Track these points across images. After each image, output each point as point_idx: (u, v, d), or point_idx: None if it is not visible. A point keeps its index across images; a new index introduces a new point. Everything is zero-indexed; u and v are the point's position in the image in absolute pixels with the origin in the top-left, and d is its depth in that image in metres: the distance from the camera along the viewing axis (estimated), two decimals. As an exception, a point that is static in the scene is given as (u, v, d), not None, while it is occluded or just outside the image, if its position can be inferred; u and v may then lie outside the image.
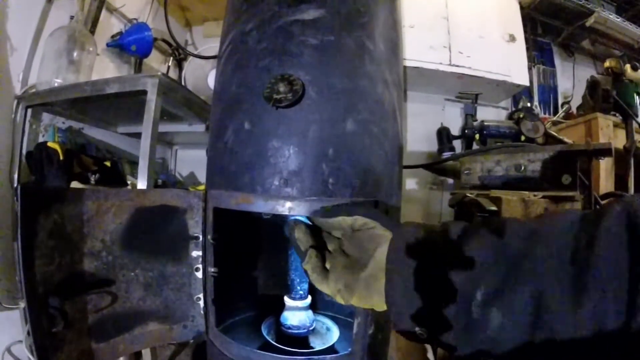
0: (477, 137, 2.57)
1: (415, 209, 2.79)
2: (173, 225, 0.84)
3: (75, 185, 1.51)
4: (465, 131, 2.63)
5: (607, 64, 2.74)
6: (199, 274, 0.86)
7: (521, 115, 2.53)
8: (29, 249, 0.68)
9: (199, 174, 2.84)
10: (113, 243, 0.80)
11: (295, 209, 0.70)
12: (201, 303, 0.86)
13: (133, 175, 1.88)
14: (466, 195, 1.70)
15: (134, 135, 2.23)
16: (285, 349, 0.83)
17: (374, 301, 0.56)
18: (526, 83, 2.58)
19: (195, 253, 0.85)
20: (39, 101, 1.65)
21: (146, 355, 1.65)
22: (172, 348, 2.00)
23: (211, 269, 0.81)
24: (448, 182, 2.73)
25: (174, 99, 1.62)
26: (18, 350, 1.59)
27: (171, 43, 2.61)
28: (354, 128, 0.73)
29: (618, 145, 2.23)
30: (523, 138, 2.38)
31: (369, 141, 0.75)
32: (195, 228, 0.85)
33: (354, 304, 0.58)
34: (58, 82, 1.66)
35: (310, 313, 0.91)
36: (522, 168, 1.71)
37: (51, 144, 1.59)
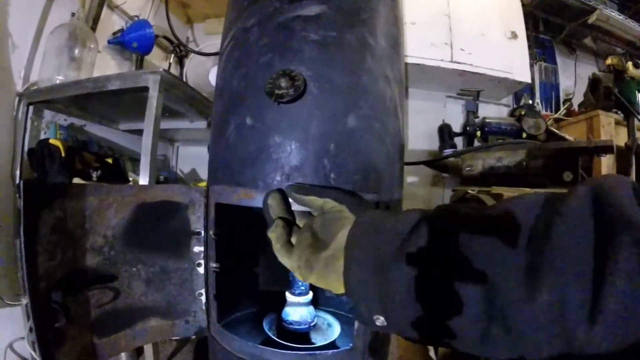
0: (479, 134, 2.57)
1: (417, 206, 2.77)
2: (175, 220, 0.84)
3: (77, 181, 1.51)
4: (467, 128, 2.64)
5: (609, 61, 2.74)
6: (201, 269, 0.86)
7: (523, 113, 2.53)
8: (31, 244, 0.69)
9: (200, 170, 2.84)
10: (115, 239, 0.81)
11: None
12: (203, 298, 0.86)
13: (134, 172, 1.89)
14: (468, 192, 1.70)
15: (135, 132, 2.24)
16: (287, 344, 0.83)
17: (331, 280, 0.56)
18: (528, 80, 2.58)
19: (197, 248, 0.85)
20: (41, 98, 1.65)
21: (148, 351, 1.65)
22: (174, 344, 2.00)
23: (213, 265, 0.81)
24: (449, 179, 2.73)
25: (175, 95, 1.63)
26: (20, 346, 1.60)
27: (172, 40, 2.61)
28: (355, 124, 0.73)
29: (619, 143, 2.22)
30: (524, 135, 2.39)
31: (371, 137, 0.75)
32: (197, 223, 0.85)
33: (312, 282, 0.59)
34: (59, 79, 1.66)
35: (311, 309, 0.91)
36: (524, 165, 1.71)
37: (53, 141, 1.59)
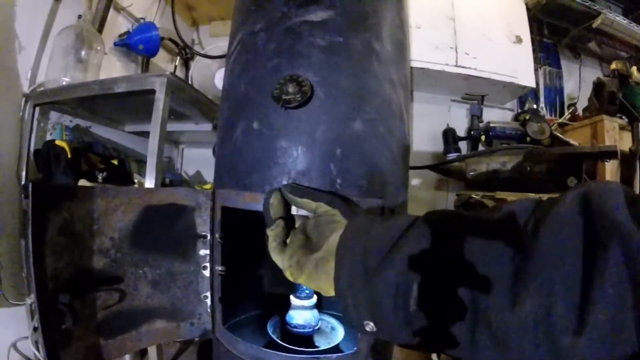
0: (483, 139, 2.57)
1: (420, 210, 2.76)
2: (181, 223, 0.84)
3: (82, 183, 1.52)
4: (471, 132, 2.63)
5: (614, 66, 2.74)
6: (206, 272, 0.86)
7: (527, 117, 2.52)
8: (39, 246, 0.69)
9: (205, 173, 2.84)
10: (122, 241, 0.81)
11: (303, 208, 0.70)
12: (208, 301, 0.87)
13: (140, 174, 1.89)
14: (472, 197, 1.70)
15: (141, 134, 2.24)
16: (291, 347, 0.84)
17: (321, 282, 0.57)
18: (532, 84, 2.57)
19: (203, 251, 0.86)
20: (47, 99, 1.65)
21: (152, 352, 1.66)
22: (178, 345, 2.00)
23: (218, 268, 0.82)
24: (453, 183, 2.72)
25: (181, 98, 1.63)
26: (24, 346, 1.60)
27: (178, 42, 2.62)
28: (361, 128, 0.73)
29: (624, 148, 2.22)
30: (529, 140, 2.38)
31: (376, 141, 0.76)
32: (203, 227, 0.85)
33: (302, 283, 0.60)
34: (66, 81, 1.67)
35: (315, 312, 0.92)
36: (528, 170, 1.71)
37: (59, 142, 1.59)
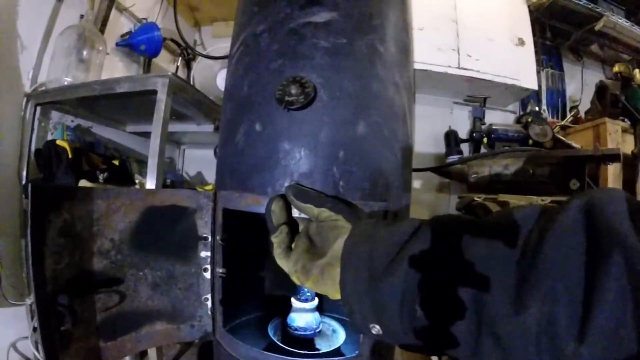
0: (485, 141, 2.57)
1: (422, 212, 2.77)
2: (182, 225, 0.84)
3: (83, 183, 1.52)
4: (473, 134, 2.64)
5: (616, 68, 2.74)
6: (207, 274, 0.86)
7: (529, 119, 2.53)
8: (38, 247, 0.69)
9: (206, 173, 2.85)
10: (122, 242, 0.81)
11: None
12: (209, 303, 0.86)
13: (141, 174, 1.89)
14: (474, 199, 1.70)
15: (142, 134, 2.25)
16: (292, 350, 0.83)
17: (327, 288, 0.57)
18: (535, 87, 2.58)
19: (204, 253, 0.85)
20: (49, 99, 1.66)
21: (152, 354, 1.65)
22: (178, 347, 2.00)
23: (219, 270, 0.81)
24: (455, 186, 2.72)
25: (183, 98, 1.63)
26: (23, 346, 1.60)
27: (180, 43, 2.62)
28: (365, 131, 0.73)
29: (626, 151, 2.22)
30: (531, 142, 2.38)
31: (380, 144, 0.75)
32: (204, 228, 0.85)
33: (308, 287, 0.60)
34: (68, 81, 1.67)
35: (316, 315, 0.91)
36: (530, 172, 1.70)
37: (60, 142, 1.59)
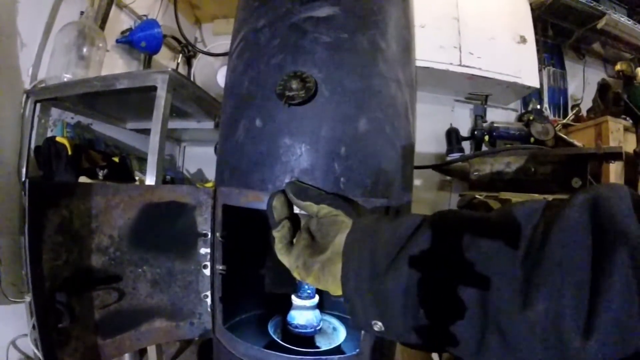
0: (487, 139, 2.57)
1: (424, 210, 2.75)
2: (182, 222, 0.83)
3: (83, 180, 1.51)
4: (475, 132, 2.63)
5: (618, 67, 2.74)
6: (207, 271, 0.85)
7: (531, 118, 2.52)
8: (36, 244, 0.68)
9: (206, 171, 2.84)
10: (121, 239, 0.80)
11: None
12: (208, 300, 0.86)
13: (141, 172, 1.89)
14: (475, 197, 1.69)
15: (142, 131, 2.24)
16: (292, 348, 0.82)
17: (328, 284, 0.57)
18: (536, 85, 2.57)
19: (204, 250, 0.85)
20: (48, 96, 1.65)
21: (151, 352, 1.65)
22: (177, 345, 2.00)
23: (219, 267, 0.80)
24: (456, 183, 2.71)
25: (183, 95, 1.62)
26: (23, 343, 1.60)
27: (180, 40, 2.62)
28: (366, 127, 0.72)
29: (628, 149, 2.21)
30: (533, 140, 2.38)
31: (382, 140, 0.75)
32: (204, 225, 0.84)
33: (310, 283, 0.60)
34: (67, 77, 1.66)
35: (317, 312, 0.91)
36: (532, 170, 1.70)
37: (60, 139, 1.59)
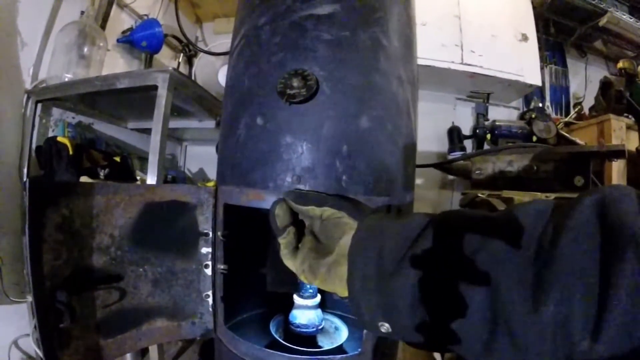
0: (488, 137, 2.57)
1: (426, 209, 2.75)
2: (183, 221, 0.83)
3: (84, 180, 1.51)
4: (477, 131, 2.63)
5: (621, 64, 2.73)
6: (208, 270, 0.85)
7: (533, 116, 2.52)
8: (36, 243, 0.68)
9: (208, 170, 2.84)
10: (122, 238, 0.80)
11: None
12: (210, 300, 0.86)
13: (142, 171, 1.89)
14: (477, 196, 1.69)
15: (143, 131, 2.24)
16: (294, 347, 0.82)
17: (335, 286, 0.57)
18: (538, 83, 2.56)
19: (205, 249, 0.84)
20: (49, 96, 1.65)
21: (153, 351, 1.65)
22: (179, 345, 2.00)
23: (220, 266, 0.80)
24: (459, 182, 2.71)
25: (184, 94, 1.62)
26: (25, 343, 1.60)
27: (181, 39, 2.61)
28: (368, 125, 0.71)
29: (630, 147, 2.20)
30: (535, 139, 2.38)
31: (384, 138, 0.74)
32: (205, 224, 0.84)
33: (317, 286, 0.60)
34: (68, 77, 1.67)
35: (319, 312, 0.90)
36: (535, 169, 1.69)
37: (61, 139, 1.59)
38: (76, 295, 0.73)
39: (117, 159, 1.83)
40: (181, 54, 2.78)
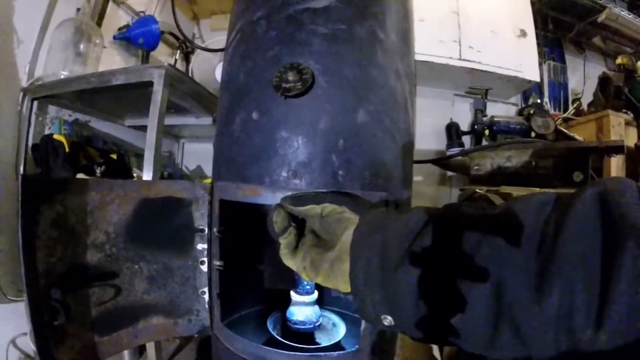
0: (487, 133, 2.57)
1: (424, 205, 2.75)
2: (178, 217, 0.82)
3: (80, 177, 1.51)
4: (475, 127, 2.63)
5: (619, 60, 2.73)
6: (204, 267, 0.84)
7: (531, 112, 2.52)
8: (30, 240, 0.67)
9: (205, 167, 2.84)
10: (117, 235, 0.79)
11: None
12: (206, 297, 0.85)
13: (139, 169, 1.88)
14: (476, 191, 1.68)
15: (140, 128, 2.23)
16: (291, 344, 0.82)
17: (338, 282, 0.58)
18: (537, 79, 2.55)
19: (201, 246, 0.84)
20: (45, 93, 1.65)
21: (150, 349, 1.64)
22: (177, 342, 2.00)
23: (217, 263, 0.80)
24: (457, 178, 2.71)
25: (181, 91, 1.62)
26: (23, 342, 1.60)
27: (178, 36, 2.60)
28: (365, 119, 0.71)
29: (629, 143, 2.20)
30: (533, 134, 2.38)
31: (381, 133, 0.73)
32: (200, 220, 0.83)
33: (319, 283, 0.60)
34: (64, 74, 1.66)
35: (316, 308, 0.90)
36: (533, 165, 1.69)
37: (57, 137, 1.59)
38: (71, 293, 0.73)
39: (114, 157, 1.83)
40: (178, 51, 2.77)
